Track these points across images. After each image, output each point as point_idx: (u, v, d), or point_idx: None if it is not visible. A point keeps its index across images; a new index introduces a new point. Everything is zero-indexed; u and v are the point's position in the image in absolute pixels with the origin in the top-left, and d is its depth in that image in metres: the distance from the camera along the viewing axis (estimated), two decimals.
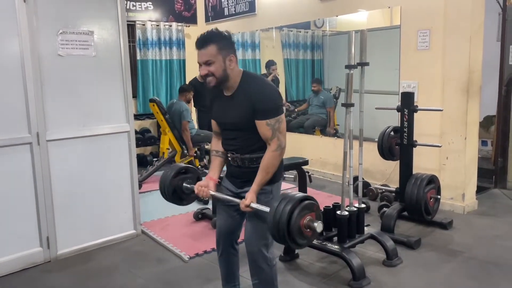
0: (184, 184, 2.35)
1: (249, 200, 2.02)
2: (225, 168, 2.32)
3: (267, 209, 1.91)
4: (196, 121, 6.33)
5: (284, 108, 2.20)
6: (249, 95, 2.03)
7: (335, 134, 5.80)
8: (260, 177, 2.05)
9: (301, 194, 1.86)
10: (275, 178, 2.14)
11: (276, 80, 6.42)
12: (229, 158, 2.22)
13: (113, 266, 3.19)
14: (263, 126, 2.03)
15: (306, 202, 1.85)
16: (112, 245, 3.52)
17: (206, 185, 2.22)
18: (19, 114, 3.03)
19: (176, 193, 2.37)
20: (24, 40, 2.99)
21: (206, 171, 5.75)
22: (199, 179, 2.40)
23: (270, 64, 6.51)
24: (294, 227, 1.79)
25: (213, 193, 2.20)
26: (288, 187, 5.12)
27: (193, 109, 6.31)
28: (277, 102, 2.07)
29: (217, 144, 2.30)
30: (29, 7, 3.00)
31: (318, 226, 1.83)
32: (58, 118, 3.20)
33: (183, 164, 2.47)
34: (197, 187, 2.23)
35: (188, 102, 5.85)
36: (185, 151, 5.65)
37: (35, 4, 3.03)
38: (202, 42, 2.00)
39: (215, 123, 2.28)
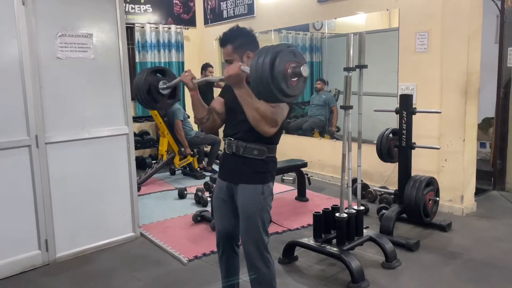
0: (160, 83, 2.27)
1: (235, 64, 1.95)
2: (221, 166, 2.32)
3: (248, 69, 1.79)
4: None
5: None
6: None
7: (338, 131, 5.82)
8: (251, 98, 1.94)
9: (278, 44, 1.73)
10: (267, 178, 2.14)
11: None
12: (225, 145, 2.20)
13: (112, 269, 3.19)
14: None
15: (287, 49, 1.71)
16: (111, 248, 3.52)
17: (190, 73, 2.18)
18: (18, 117, 3.03)
19: (151, 94, 2.27)
20: (23, 42, 2.99)
21: (205, 173, 5.80)
22: (176, 86, 2.32)
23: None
24: (278, 74, 1.65)
25: (196, 80, 2.15)
26: (287, 189, 5.13)
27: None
28: None
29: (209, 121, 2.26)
30: (28, 9, 3.00)
31: (304, 69, 1.68)
32: (57, 121, 3.20)
33: (161, 66, 2.39)
34: (183, 75, 2.17)
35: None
36: (182, 149, 5.65)
37: (34, 6, 3.04)
38: (221, 42, 2.11)
39: (221, 102, 2.24)
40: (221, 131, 2.35)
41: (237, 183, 2.16)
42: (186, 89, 6.57)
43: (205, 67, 6.26)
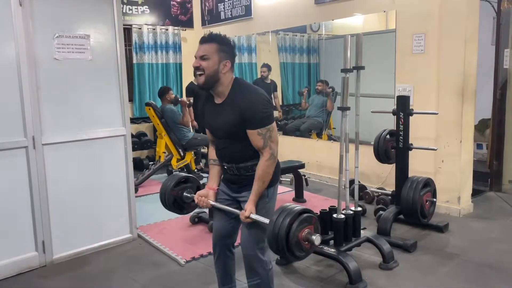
0: (184, 194, 2.38)
1: (249, 211, 2.04)
2: None
3: (266, 220, 1.92)
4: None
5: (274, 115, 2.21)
6: (238, 104, 2.03)
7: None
8: (257, 187, 2.07)
9: (300, 207, 1.88)
10: (271, 182, 2.14)
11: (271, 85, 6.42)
12: (225, 167, 2.22)
13: (109, 271, 3.18)
14: (254, 136, 2.03)
15: (305, 215, 1.87)
16: (108, 249, 3.51)
17: (206, 195, 2.24)
18: (14, 118, 3.02)
19: (176, 203, 2.40)
20: (20, 43, 2.98)
21: (203, 174, 5.80)
22: (199, 188, 2.41)
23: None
24: (292, 240, 1.80)
25: (213, 203, 2.22)
26: (285, 190, 5.13)
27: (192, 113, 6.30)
28: (267, 111, 2.05)
29: (213, 153, 2.30)
30: (25, 10, 3.00)
31: (316, 239, 1.84)
32: (54, 122, 3.20)
33: (183, 174, 2.48)
34: (197, 197, 2.25)
35: (174, 102, 5.78)
36: (181, 154, 5.64)
37: (31, 7, 3.03)
38: (207, 38, 2.06)
39: (209, 131, 2.28)
40: None
41: (242, 192, 2.19)
42: (183, 74, 6.44)
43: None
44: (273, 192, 2.19)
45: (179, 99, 5.79)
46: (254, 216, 2.02)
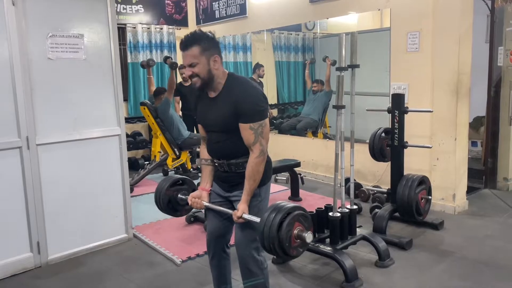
0: (179, 195, 2.37)
1: (241, 211, 2.02)
2: None
3: (258, 219, 1.91)
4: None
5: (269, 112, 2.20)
6: (233, 96, 2.02)
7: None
8: (248, 186, 2.06)
9: (291, 204, 1.86)
10: (263, 181, 2.13)
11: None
12: (216, 164, 2.21)
13: (105, 271, 3.16)
14: (246, 130, 2.01)
15: (296, 212, 1.85)
16: (103, 250, 3.49)
17: (199, 196, 2.23)
18: (8, 118, 3.00)
19: (171, 204, 2.38)
20: (13, 43, 2.96)
21: (199, 174, 5.78)
22: (194, 190, 2.40)
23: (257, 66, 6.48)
24: (283, 238, 1.78)
25: (206, 204, 2.21)
26: (281, 189, 5.13)
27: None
28: (262, 105, 2.03)
29: (205, 151, 2.28)
30: (18, 10, 2.98)
31: (308, 236, 1.83)
32: (48, 122, 3.18)
33: (179, 176, 2.47)
34: (191, 199, 2.24)
35: (173, 66, 5.75)
36: (177, 153, 5.63)
37: (24, 7, 3.01)
38: (186, 44, 1.99)
39: (201, 127, 2.26)
40: None
41: (233, 191, 2.18)
42: (178, 73, 6.40)
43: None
44: (265, 192, 2.18)
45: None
46: (247, 216, 2.01)
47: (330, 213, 3.05)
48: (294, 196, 4.77)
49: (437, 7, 4.12)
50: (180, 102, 6.42)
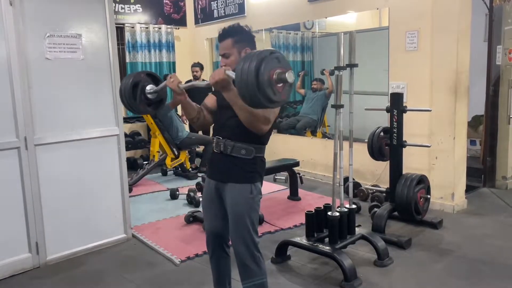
0: (147, 86, 2.19)
1: (223, 69, 1.92)
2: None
3: (233, 74, 1.77)
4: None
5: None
6: None
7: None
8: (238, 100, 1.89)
9: (266, 50, 1.73)
10: (254, 178, 2.12)
11: None
12: (214, 144, 2.19)
13: (104, 271, 3.16)
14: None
15: (273, 55, 1.70)
16: (102, 250, 3.49)
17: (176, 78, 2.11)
18: (6, 118, 2.99)
19: (135, 89, 2.17)
20: (11, 43, 2.95)
21: (199, 174, 5.78)
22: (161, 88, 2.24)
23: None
24: (263, 79, 1.63)
25: (182, 85, 2.09)
26: (279, 188, 5.13)
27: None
28: None
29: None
30: (16, 10, 2.97)
31: (289, 76, 1.67)
32: (46, 122, 3.17)
33: (148, 71, 2.30)
34: (170, 77, 2.10)
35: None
36: (176, 153, 5.63)
37: (22, 7, 3.00)
38: (221, 36, 2.14)
39: (214, 100, 2.23)
40: None
41: (226, 182, 2.15)
42: (177, 72, 6.47)
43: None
44: (257, 191, 2.15)
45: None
46: (229, 72, 1.86)
47: (329, 213, 3.05)
48: (293, 195, 4.77)
49: (436, 6, 4.12)
50: None
